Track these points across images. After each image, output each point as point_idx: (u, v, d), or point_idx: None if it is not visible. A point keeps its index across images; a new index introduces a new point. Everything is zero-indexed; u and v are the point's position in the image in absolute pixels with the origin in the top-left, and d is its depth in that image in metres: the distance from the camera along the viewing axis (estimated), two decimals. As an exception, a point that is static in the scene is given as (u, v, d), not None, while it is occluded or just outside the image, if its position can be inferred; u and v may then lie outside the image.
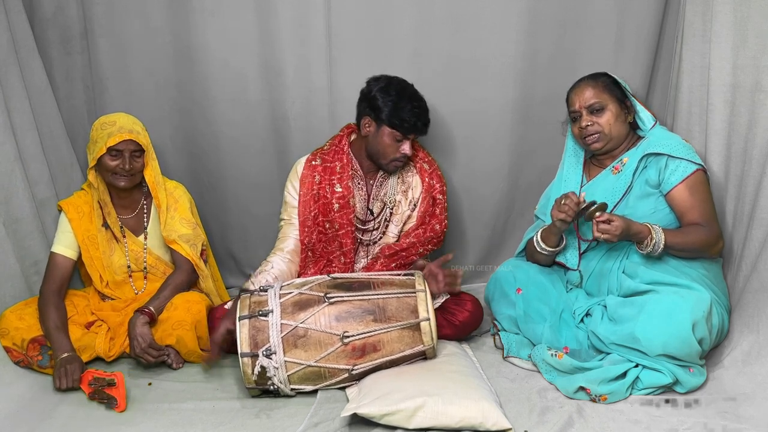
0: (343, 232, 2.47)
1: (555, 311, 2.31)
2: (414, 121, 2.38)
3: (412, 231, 2.52)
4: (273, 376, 2.06)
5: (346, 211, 2.47)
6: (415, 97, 2.42)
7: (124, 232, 2.52)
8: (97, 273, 2.50)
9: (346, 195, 2.47)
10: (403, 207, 2.54)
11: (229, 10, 2.71)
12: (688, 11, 2.44)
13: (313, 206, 2.47)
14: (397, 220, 2.54)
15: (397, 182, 2.55)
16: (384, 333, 2.10)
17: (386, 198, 2.53)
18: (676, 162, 2.25)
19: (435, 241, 2.54)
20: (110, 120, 2.45)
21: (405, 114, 2.37)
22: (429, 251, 2.55)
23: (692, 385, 2.05)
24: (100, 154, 2.38)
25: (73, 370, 2.18)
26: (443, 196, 2.56)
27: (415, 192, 2.54)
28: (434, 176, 2.56)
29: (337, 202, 2.46)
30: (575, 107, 2.36)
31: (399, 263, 2.49)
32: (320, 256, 2.50)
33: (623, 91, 2.37)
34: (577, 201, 2.20)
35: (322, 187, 2.48)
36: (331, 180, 2.48)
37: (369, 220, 2.53)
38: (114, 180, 2.43)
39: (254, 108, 2.82)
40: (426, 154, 2.61)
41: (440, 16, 2.71)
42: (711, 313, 2.06)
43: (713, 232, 2.23)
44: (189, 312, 2.33)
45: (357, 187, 2.52)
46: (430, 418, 1.89)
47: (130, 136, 2.40)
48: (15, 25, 2.54)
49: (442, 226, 2.55)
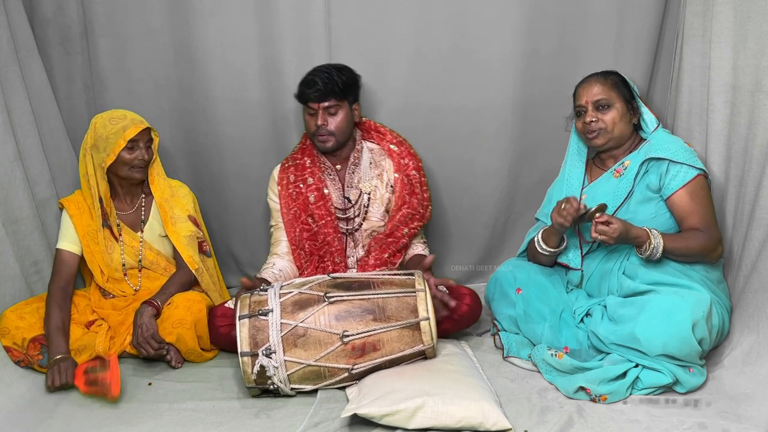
0: (323, 222, 2.52)
1: (555, 311, 2.31)
2: (303, 89, 2.47)
3: (395, 213, 2.55)
4: (273, 376, 2.06)
5: (323, 202, 2.53)
6: (316, 68, 2.50)
7: (121, 228, 2.52)
8: (98, 268, 2.50)
9: (320, 186, 2.54)
10: (381, 190, 2.57)
11: (229, 10, 2.71)
12: (688, 11, 2.44)
13: (292, 204, 2.54)
14: (377, 204, 2.57)
15: (370, 167, 2.58)
16: (384, 332, 2.10)
17: (361, 184, 2.56)
18: (677, 167, 2.25)
19: (417, 217, 2.56)
20: (117, 115, 2.45)
21: (301, 85, 2.49)
22: (416, 229, 2.56)
23: (692, 385, 2.05)
24: (120, 148, 2.38)
25: (66, 367, 2.18)
26: (418, 172, 2.59)
27: (390, 174, 2.58)
28: (405, 155, 2.60)
29: (311, 194, 2.53)
30: (582, 102, 2.36)
31: (391, 250, 2.51)
32: (311, 252, 2.53)
33: (631, 91, 2.37)
34: (577, 207, 2.20)
35: (296, 184, 2.56)
36: (303, 176, 2.56)
37: (348, 208, 2.56)
38: (131, 173, 2.45)
39: (254, 108, 2.83)
40: (394, 136, 2.64)
41: (440, 15, 2.71)
42: (711, 313, 2.06)
43: (713, 237, 2.22)
44: (189, 311, 2.33)
45: (330, 178, 2.57)
46: (430, 418, 1.89)
47: (145, 126, 2.44)
48: (15, 25, 2.54)
49: (420, 200, 2.57)
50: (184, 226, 2.54)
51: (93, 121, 2.47)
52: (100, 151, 2.41)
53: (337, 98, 2.47)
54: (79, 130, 2.86)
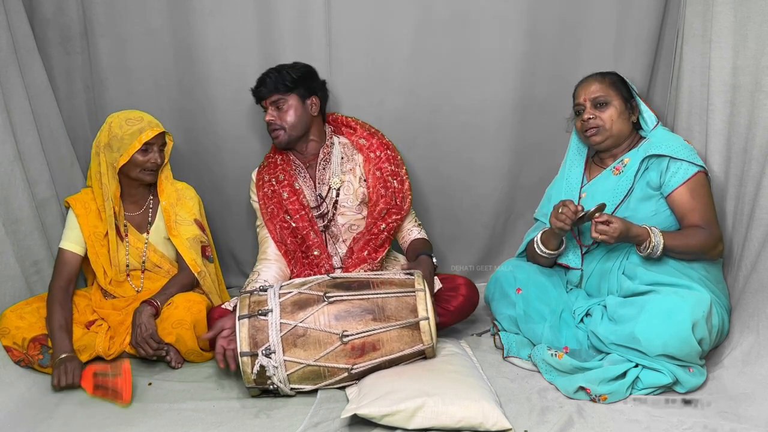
0: (298, 216, 2.52)
1: (555, 311, 2.31)
2: (256, 87, 2.52)
3: (372, 209, 2.54)
4: (272, 376, 2.06)
5: (296, 197, 2.54)
6: (269, 68, 2.53)
7: (128, 229, 2.52)
8: (101, 269, 2.50)
9: (290, 181, 2.55)
10: (355, 184, 2.56)
11: (229, 9, 2.72)
12: (688, 11, 2.44)
13: (269, 203, 2.56)
14: (351, 200, 2.55)
15: (342, 162, 2.58)
16: (383, 332, 2.10)
17: (330, 181, 2.55)
18: (678, 164, 2.25)
19: (394, 210, 2.52)
20: (134, 116, 2.45)
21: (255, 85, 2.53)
22: (394, 223, 2.52)
23: (692, 385, 2.05)
24: (135, 150, 2.38)
25: (73, 368, 2.18)
26: (391, 163, 2.55)
27: (362, 168, 2.57)
28: (375, 148, 2.58)
29: (284, 191, 2.54)
30: (580, 99, 2.37)
31: (371, 247, 2.49)
32: (294, 249, 2.54)
33: (630, 90, 2.37)
34: (575, 210, 2.20)
35: (270, 183, 2.57)
36: (275, 174, 2.58)
37: (321, 204, 2.56)
38: (142, 175, 2.46)
39: (255, 107, 2.82)
40: (365, 129, 2.62)
41: (440, 16, 2.71)
42: (711, 313, 2.06)
43: (713, 234, 2.22)
44: (189, 311, 2.33)
45: (301, 176, 2.58)
46: (430, 419, 1.89)
47: (161, 129, 2.45)
48: (15, 25, 2.54)
49: (395, 192, 2.53)
50: (188, 228, 2.53)
51: (108, 120, 2.46)
52: (114, 150, 2.41)
53: (282, 92, 2.47)
54: (79, 130, 2.87)
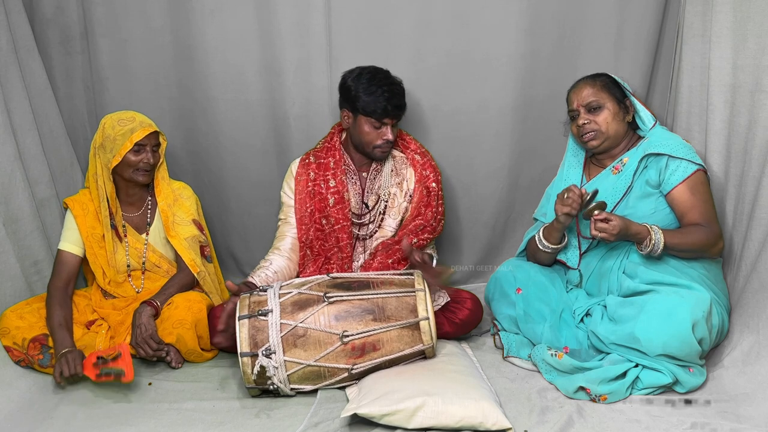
0: (339, 227, 2.49)
1: (555, 311, 2.31)
2: (384, 105, 2.39)
3: (408, 222, 2.53)
4: (272, 376, 2.06)
5: (342, 206, 2.49)
6: (386, 81, 2.43)
7: (127, 230, 2.52)
8: (101, 270, 2.50)
9: (341, 189, 2.50)
10: (399, 199, 2.55)
11: (229, 9, 2.71)
12: (688, 11, 2.44)
13: (309, 203, 2.50)
14: (394, 213, 2.55)
15: (391, 175, 2.56)
16: (383, 332, 2.10)
17: (381, 191, 2.54)
18: (677, 162, 2.25)
19: (429, 229, 2.52)
20: (127, 116, 2.45)
21: (376, 99, 2.38)
22: (425, 241, 2.51)
23: (692, 385, 2.05)
24: (126, 150, 2.38)
25: (74, 358, 2.18)
26: (437, 184, 2.56)
27: (410, 183, 2.56)
28: (427, 167, 2.57)
29: (332, 197, 2.49)
30: (573, 106, 2.37)
31: (396, 257, 2.47)
32: (318, 253, 2.51)
33: (623, 90, 2.37)
34: (580, 193, 2.20)
35: (317, 183, 2.51)
36: (325, 176, 2.52)
37: (364, 214, 2.55)
38: (135, 176, 2.45)
39: (254, 108, 2.83)
40: (418, 146, 2.62)
41: (440, 16, 2.71)
42: (711, 313, 2.06)
43: (713, 232, 2.22)
44: (190, 311, 2.33)
45: (351, 181, 2.54)
46: (430, 418, 1.89)
47: (153, 129, 2.43)
48: (15, 25, 2.54)
49: (434, 213, 2.54)
50: (185, 228, 2.53)
51: (102, 121, 2.47)
52: (107, 151, 2.41)
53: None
54: (79, 130, 2.87)
